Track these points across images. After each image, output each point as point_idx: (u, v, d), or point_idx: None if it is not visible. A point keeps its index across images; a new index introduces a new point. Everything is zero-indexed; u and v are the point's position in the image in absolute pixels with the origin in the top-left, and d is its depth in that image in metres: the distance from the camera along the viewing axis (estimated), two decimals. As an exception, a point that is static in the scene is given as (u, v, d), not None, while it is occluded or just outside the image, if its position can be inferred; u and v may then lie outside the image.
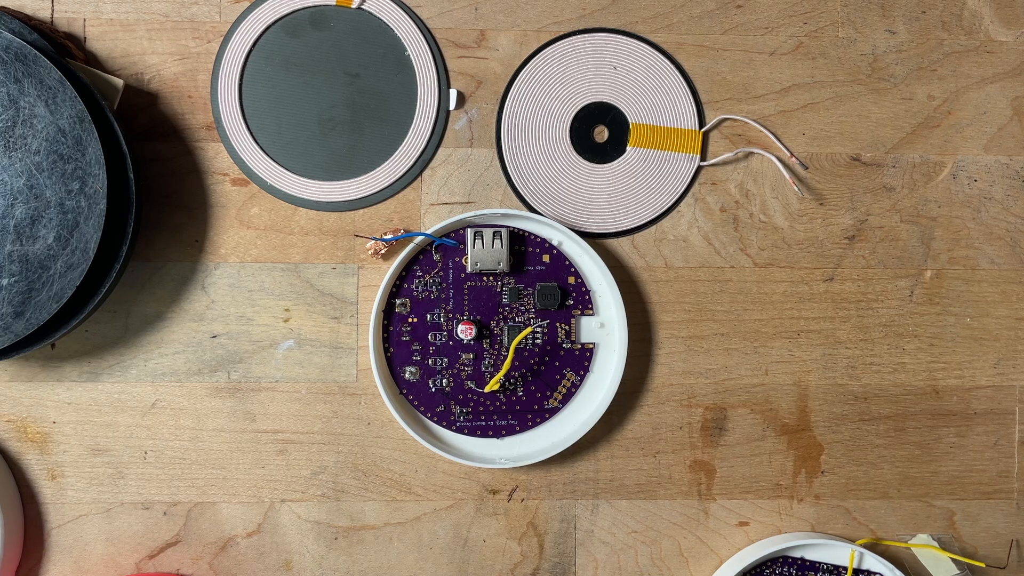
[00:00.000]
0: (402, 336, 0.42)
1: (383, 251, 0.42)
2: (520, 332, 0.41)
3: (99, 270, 0.39)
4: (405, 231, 0.42)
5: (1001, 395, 0.44)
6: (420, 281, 0.42)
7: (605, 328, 0.42)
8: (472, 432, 0.42)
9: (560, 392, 0.42)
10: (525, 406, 0.42)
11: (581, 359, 0.42)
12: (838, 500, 0.44)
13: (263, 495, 0.42)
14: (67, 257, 0.38)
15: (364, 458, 0.42)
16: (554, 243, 0.42)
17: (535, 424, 0.42)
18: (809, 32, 0.43)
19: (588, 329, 0.43)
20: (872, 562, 0.42)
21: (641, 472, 0.43)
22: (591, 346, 0.42)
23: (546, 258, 0.42)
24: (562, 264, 0.42)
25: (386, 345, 0.42)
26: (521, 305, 0.42)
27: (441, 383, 0.42)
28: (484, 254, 0.41)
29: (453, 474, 0.42)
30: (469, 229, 0.41)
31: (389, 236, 0.41)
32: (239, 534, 0.42)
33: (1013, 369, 0.44)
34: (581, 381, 0.42)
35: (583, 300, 0.42)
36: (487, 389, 0.41)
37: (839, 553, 0.42)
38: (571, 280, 0.42)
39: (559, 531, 0.43)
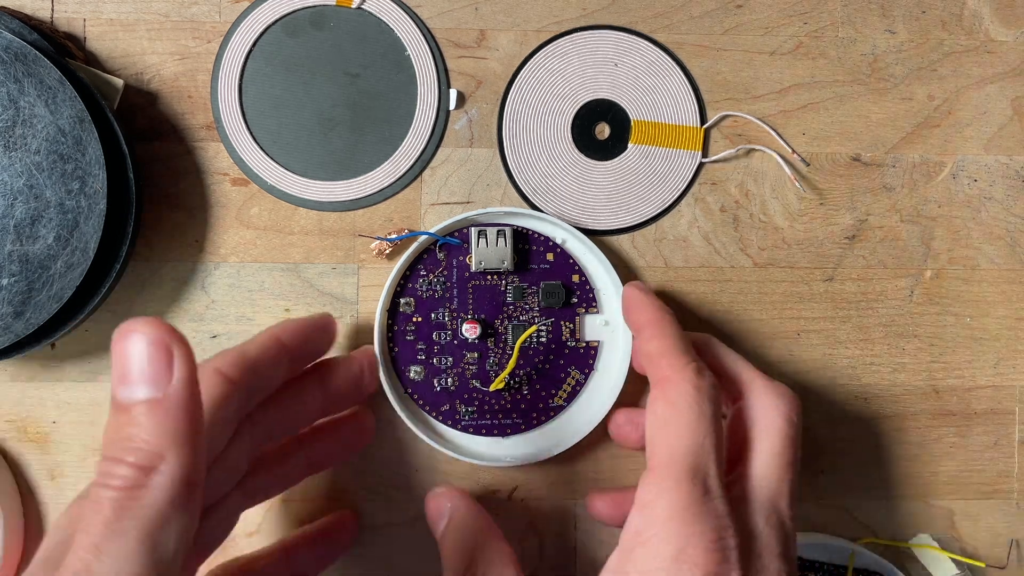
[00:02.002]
0: (407, 336, 0.42)
1: (387, 251, 0.42)
2: (525, 331, 0.41)
3: (99, 270, 0.39)
4: (409, 231, 0.42)
5: (1001, 395, 0.44)
6: (424, 280, 0.42)
7: (610, 326, 0.42)
8: (477, 431, 0.42)
9: (565, 390, 0.42)
10: (530, 404, 0.42)
11: (586, 357, 0.42)
12: (838, 500, 0.44)
13: (263, 495, 0.42)
14: (67, 257, 0.37)
15: (364, 457, 0.42)
16: (558, 241, 0.42)
17: (540, 423, 0.42)
18: (809, 32, 0.43)
19: (592, 327, 0.42)
20: (872, 562, 0.42)
21: (642, 472, 0.43)
22: (596, 344, 0.42)
23: (550, 256, 0.42)
24: (566, 262, 0.42)
25: (390, 344, 0.42)
26: (525, 304, 0.42)
27: (446, 382, 0.42)
28: (488, 253, 0.41)
29: (453, 474, 0.42)
30: (473, 228, 0.41)
31: (393, 236, 0.41)
32: (239, 534, 0.42)
33: (1013, 369, 0.44)
34: (586, 379, 0.42)
35: (587, 298, 0.42)
36: (492, 388, 0.41)
37: (839, 553, 0.42)
38: (575, 278, 0.42)
39: (559, 531, 0.43)
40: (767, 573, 0.32)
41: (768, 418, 0.36)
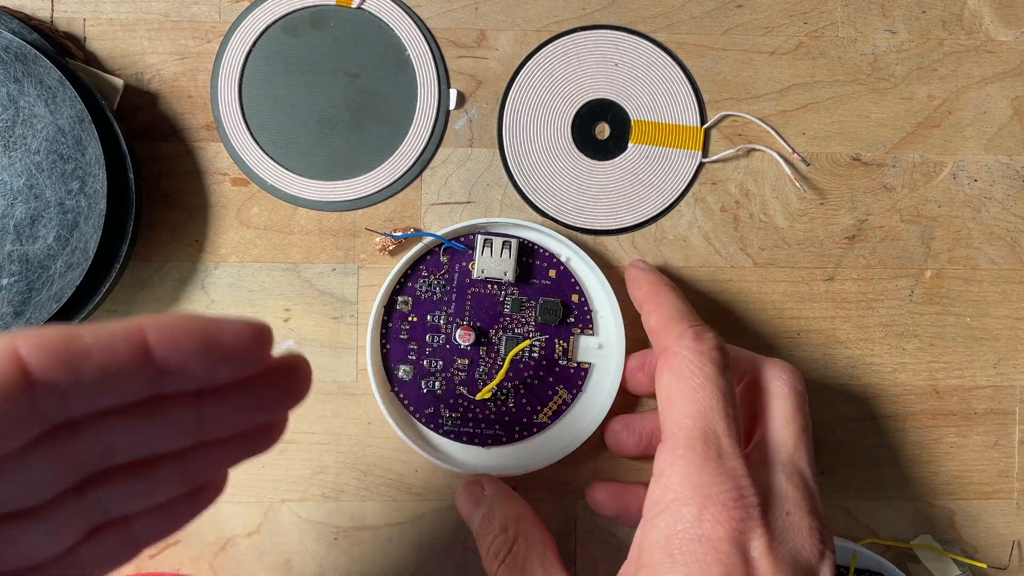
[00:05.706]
0: (400, 334, 0.42)
1: (390, 247, 0.42)
2: (518, 344, 0.41)
3: (99, 270, 0.39)
4: (415, 230, 0.42)
5: (1001, 395, 0.44)
6: (424, 281, 0.42)
7: (603, 349, 0.42)
8: (459, 438, 0.42)
9: (551, 408, 0.42)
10: (514, 418, 0.42)
11: (575, 378, 0.42)
12: (838, 500, 0.44)
13: (263, 495, 0.42)
14: (67, 257, 0.37)
15: (364, 458, 0.42)
16: (562, 259, 0.42)
17: (522, 437, 0.42)
18: (809, 32, 0.43)
19: (586, 349, 0.42)
20: (872, 562, 0.42)
21: (642, 472, 0.43)
22: (587, 366, 0.42)
23: (552, 273, 0.42)
24: (567, 281, 0.42)
25: (383, 341, 0.42)
26: (522, 317, 0.42)
27: (433, 385, 0.42)
28: (491, 262, 0.41)
29: (453, 474, 0.42)
30: (479, 235, 0.41)
31: (399, 233, 0.41)
32: (239, 534, 0.42)
33: (1013, 369, 0.44)
34: (573, 399, 0.42)
35: (584, 319, 0.42)
36: (478, 397, 0.41)
37: (839, 553, 0.42)
38: (575, 298, 0.42)
39: (559, 531, 0.43)
40: (798, 529, 0.32)
41: (774, 388, 0.36)
